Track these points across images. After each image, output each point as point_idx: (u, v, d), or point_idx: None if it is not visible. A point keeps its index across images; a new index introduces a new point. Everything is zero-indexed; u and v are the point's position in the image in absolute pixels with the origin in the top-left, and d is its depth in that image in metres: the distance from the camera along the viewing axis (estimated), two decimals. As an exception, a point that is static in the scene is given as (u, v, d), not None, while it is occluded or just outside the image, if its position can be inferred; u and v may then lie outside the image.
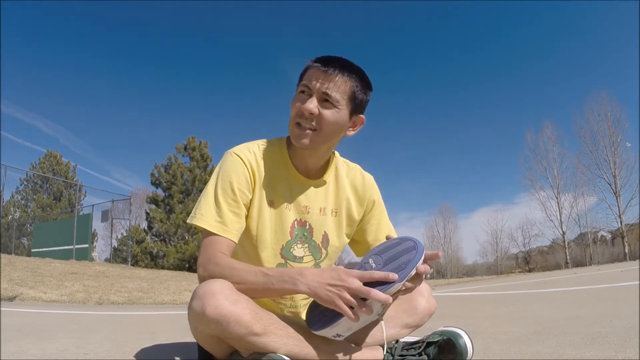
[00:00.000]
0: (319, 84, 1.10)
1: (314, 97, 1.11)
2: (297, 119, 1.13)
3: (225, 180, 1.14)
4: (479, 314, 2.93)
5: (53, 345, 1.75)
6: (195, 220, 1.12)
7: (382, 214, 1.34)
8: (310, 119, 1.11)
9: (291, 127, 1.16)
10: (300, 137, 1.14)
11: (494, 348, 1.49)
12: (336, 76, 1.11)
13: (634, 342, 1.36)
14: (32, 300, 4.75)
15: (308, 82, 1.12)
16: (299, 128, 1.14)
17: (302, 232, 1.22)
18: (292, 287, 0.98)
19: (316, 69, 1.12)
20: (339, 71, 1.11)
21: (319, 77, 1.11)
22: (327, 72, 1.11)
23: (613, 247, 30.02)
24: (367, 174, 1.35)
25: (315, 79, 1.11)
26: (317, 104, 1.10)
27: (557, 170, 28.73)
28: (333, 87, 1.11)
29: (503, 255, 34.50)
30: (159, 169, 19.54)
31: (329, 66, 1.11)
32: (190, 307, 0.99)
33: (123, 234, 22.53)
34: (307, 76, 1.13)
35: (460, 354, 1.07)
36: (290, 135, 1.17)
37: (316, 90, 1.11)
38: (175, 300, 5.62)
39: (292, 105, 1.15)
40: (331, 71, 1.11)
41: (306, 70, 1.15)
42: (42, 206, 25.76)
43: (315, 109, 1.10)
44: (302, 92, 1.13)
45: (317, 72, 1.11)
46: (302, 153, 1.20)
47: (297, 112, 1.13)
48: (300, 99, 1.13)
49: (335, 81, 1.11)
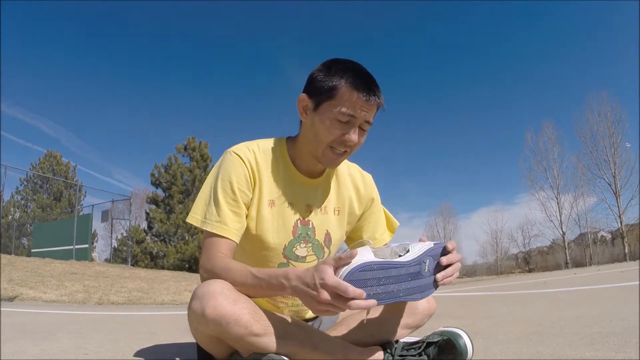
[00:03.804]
0: (363, 114, 1.10)
1: (356, 127, 1.11)
2: (334, 145, 1.12)
3: (225, 180, 1.13)
4: (479, 314, 2.93)
5: (53, 346, 1.75)
6: (194, 221, 1.12)
7: (379, 212, 1.37)
8: (351, 148, 1.13)
9: (321, 149, 1.14)
10: (336, 161, 1.16)
11: (493, 348, 1.49)
12: (375, 105, 1.11)
13: (634, 342, 1.36)
14: (32, 300, 4.75)
15: (352, 111, 1.08)
16: (334, 153, 1.14)
17: (305, 232, 1.22)
18: (280, 291, 0.97)
19: (360, 99, 1.08)
20: (378, 99, 1.10)
21: (364, 108, 1.09)
22: (370, 103, 1.09)
23: (613, 247, 30.01)
24: (366, 173, 1.37)
25: (360, 109, 1.09)
26: (357, 134, 1.11)
27: (557, 171, 28.73)
28: (371, 115, 1.12)
29: (503, 256, 34.50)
30: (159, 169, 19.56)
31: (373, 95, 1.09)
32: (190, 308, 0.99)
33: (123, 234, 22.56)
34: (350, 105, 1.08)
35: (460, 354, 1.07)
36: (321, 157, 1.15)
37: (361, 120, 1.10)
38: (175, 300, 5.62)
39: (327, 130, 1.10)
40: (372, 102, 1.09)
41: (339, 91, 1.09)
42: (42, 206, 25.76)
43: (357, 138, 1.12)
44: (342, 121, 1.10)
45: (362, 103, 1.08)
46: (309, 159, 1.20)
47: (339, 140, 1.11)
48: (341, 127, 1.10)
49: (374, 109, 1.12)
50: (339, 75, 1.09)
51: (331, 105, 1.10)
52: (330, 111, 1.10)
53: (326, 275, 0.85)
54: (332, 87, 1.09)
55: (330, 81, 1.10)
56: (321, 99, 1.11)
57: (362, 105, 1.08)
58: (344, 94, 1.08)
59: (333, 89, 1.09)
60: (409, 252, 0.95)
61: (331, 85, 1.09)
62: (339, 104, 1.09)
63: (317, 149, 1.14)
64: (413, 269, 0.93)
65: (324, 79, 1.11)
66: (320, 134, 1.12)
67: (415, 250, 0.96)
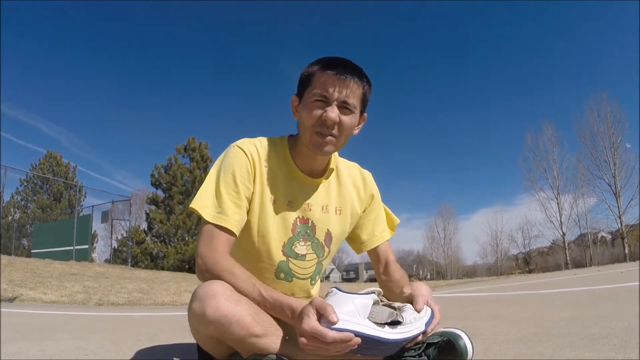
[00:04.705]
0: (336, 92, 1.11)
1: (334, 105, 1.12)
2: (317, 128, 1.13)
3: (227, 172, 1.14)
4: (479, 315, 2.93)
5: (53, 346, 1.76)
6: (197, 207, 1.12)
7: (380, 209, 1.37)
8: (332, 127, 1.13)
9: (309, 135, 1.15)
10: (323, 145, 1.15)
11: (494, 349, 1.49)
12: (350, 82, 1.12)
13: (634, 343, 1.36)
14: (32, 301, 4.74)
15: (323, 90, 1.11)
16: (320, 137, 1.14)
17: (304, 230, 1.22)
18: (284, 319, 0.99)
19: (330, 76, 1.11)
20: (351, 76, 1.12)
21: (336, 85, 1.11)
22: (342, 79, 1.11)
23: (613, 247, 30.02)
24: (366, 171, 1.38)
25: (332, 87, 1.11)
26: (337, 112, 1.12)
27: (557, 171, 28.78)
28: (350, 93, 1.13)
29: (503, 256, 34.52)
30: (159, 169, 19.55)
31: (343, 73, 1.11)
32: (190, 308, 0.99)
33: (123, 235, 22.55)
34: (320, 84, 1.12)
35: (460, 355, 1.07)
36: (309, 143, 1.16)
37: (335, 98, 1.11)
38: (175, 301, 5.61)
39: (308, 114, 1.13)
40: (345, 78, 1.11)
41: (314, 76, 1.14)
42: (42, 207, 25.75)
43: (337, 117, 1.12)
44: (318, 101, 1.12)
45: (332, 80, 1.11)
46: (308, 154, 1.20)
47: (318, 121, 1.12)
48: (318, 107, 1.13)
49: (351, 87, 1.12)
50: (315, 64, 1.16)
51: (309, 91, 1.15)
52: (308, 96, 1.15)
53: (304, 323, 0.86)
54: (309, 74, 1.16)
55: (308, 71, 1.17)
56: (302, 89, 1.18)
57: (334, 82, 1.11)
58: (317, 76, 1.14)
59: (309, 76, 1.16)
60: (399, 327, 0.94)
61: (307, 74, 1.16)
62: (314, 87, 1.14)
63: (304, 136, 1.16)
64: (391, 345, 0.93)
65: (304, 73, 1.18)
66: (304, 120, 1.15)
67: (405, 327, 0.95)
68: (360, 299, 0.91)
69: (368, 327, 0.87)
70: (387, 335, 0.90)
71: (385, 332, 0.90)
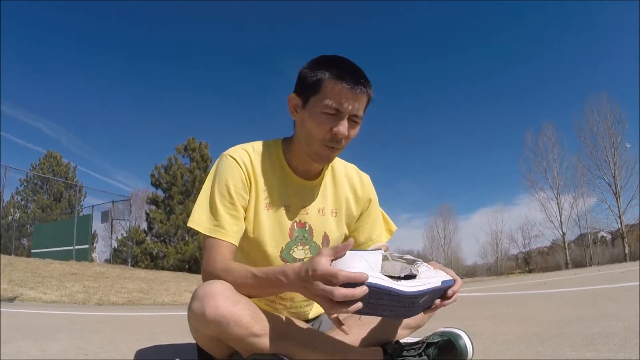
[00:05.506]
0: (350, 106, 1.08)
1: (346, 119, 1.09)
2: (328, 143, 1.11)
3: (221, 184, 1.13)
4: (479, 315, 2.93)
5: (53, 346, 1.76)
6: (195, 225, 1.12)
7: (377, 213, 1.36)
8: (341, 140, 1.11)
9: (316, 147, 1.12)
10: (331, 158, 1.15)
11: (494, 349, 1.49)
12: (362, 95, 1.09)
13: (634, 342, 1.36)
14: (32, 301, 4.74)
15: (338, 104, 1.07)
16: (330, 150, 1.12)
17: (302, 234, 1.22)
18: (279, 287, 0.96)
19: (344, 89, 1.06)
20: (364, 88, 1.09)
21: (349, 99, 1.07)
22: (356, 94, 1.07)
23: (613, 247, 29.97)
24: (364, 174, 1.36)
25: (346, 100, 1.07)
26: (347, 125, 1.09)
27: (557, 171, 28.70)
28: (360, 106, 1.10)
29: (503, 256, 34.47)
30: (159, 169, 19.56)
31: (357, 86, 1.07)
32: (190, 308, 0.99)
33: (123, 235, 22.54)
34: (334, 96, 1.07)
35: (460, 355, 1.07)
36: (314, 154, 1.14)
37: (347, 112, 1.08)
38: (175, 301, 5.61)
39: (317, 126, 1.09)
40: (358, 91, 1.07)
41: (323, 83, 1.08)
42: (42, 207, 25.76)
43: (347, 131, 1.09)
44: (329, 114, 1.08)
45: (346, 93, 1.06)
46: (304, 158, 1.19)
47: (329, 135, 1.10)
48: (330, 120, 1.09)
49: (361, 100, 1.10)
50: (323, 68, 1.09)
51: (318, 100, 1.09)
52: (317, 105, 1.09)
53: (318, 265, 0.83)
54: (317, 80, 1.09)
55: (315, 75, 1.09)
56: (308, 94, 1.11)
57: (348, 96, 1.07)
58: (329, 86, 1.07)
59: (318, 83, 1.09)
60: (414, 280, 0.89)
61: (316, 79, 1.09)
62: (325, 97, 1.07)
63: (310, 146, 1.13)
64: (408, 301, 0.89)
65: (309, 75, 1.11)
66: (312, 130, 1.11)
67: (420, 280, 0.90)
68: (372, 256, 0.87)
69: (384, 280, 0.84)
70: (404, 288, 0.85)
71: (402, 285, 0.86)
